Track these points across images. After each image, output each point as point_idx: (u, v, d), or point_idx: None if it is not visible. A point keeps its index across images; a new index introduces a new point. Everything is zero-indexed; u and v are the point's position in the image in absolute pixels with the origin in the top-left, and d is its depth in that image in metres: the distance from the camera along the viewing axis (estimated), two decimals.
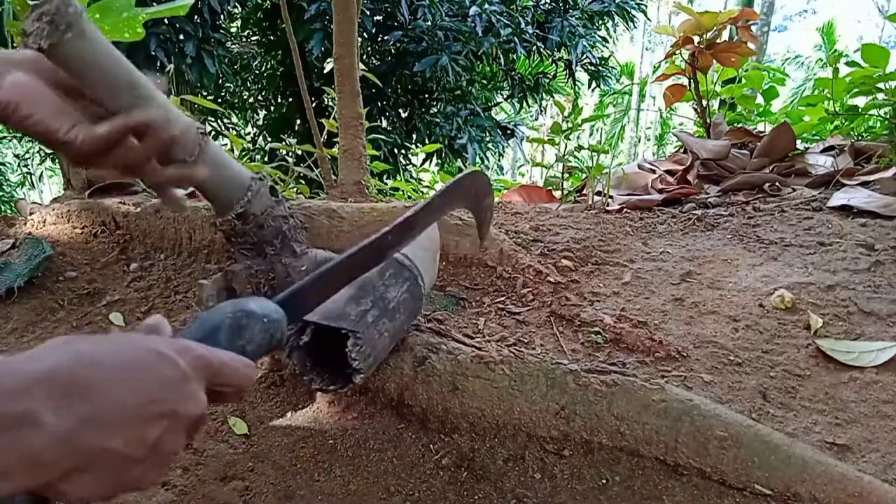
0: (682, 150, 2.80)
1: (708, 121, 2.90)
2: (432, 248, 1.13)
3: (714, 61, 2.76)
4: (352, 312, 0.89)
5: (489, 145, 6.76)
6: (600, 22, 7.01)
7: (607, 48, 7.46)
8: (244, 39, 6.96)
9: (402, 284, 0.94)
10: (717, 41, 2.77)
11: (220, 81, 6.07)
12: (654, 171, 2.52)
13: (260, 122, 7.22)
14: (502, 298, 1.35)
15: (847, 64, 2.39)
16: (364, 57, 6.04)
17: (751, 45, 2.77)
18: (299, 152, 2.29)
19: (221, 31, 5.72)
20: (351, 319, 0.88)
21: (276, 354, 1.09)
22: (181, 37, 5.03)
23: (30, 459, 0.35)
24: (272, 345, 0.54)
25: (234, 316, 0.51)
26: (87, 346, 0.40)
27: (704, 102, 2.90)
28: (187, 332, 0.51)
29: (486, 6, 5.70)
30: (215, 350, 0.48)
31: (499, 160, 7.79)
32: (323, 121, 2.27)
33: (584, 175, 2.67)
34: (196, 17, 5.03)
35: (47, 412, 0.36)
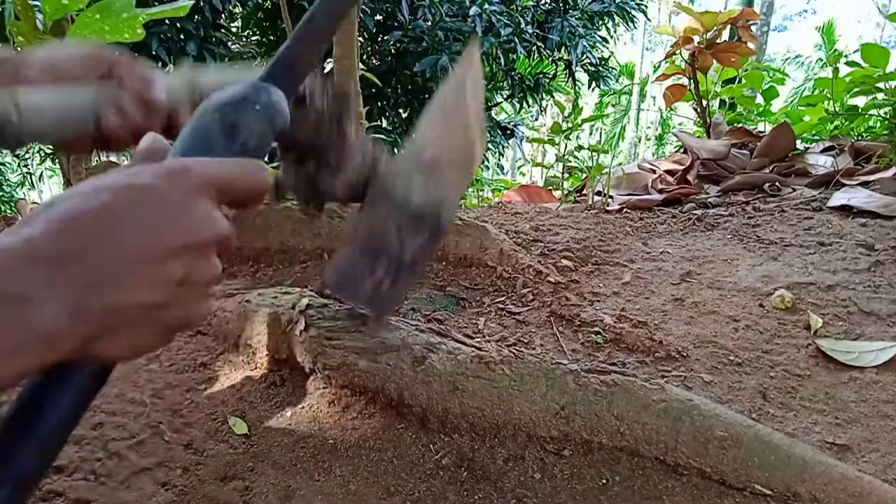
0: (682, 150, 2.80)
1: (708, 121, 2.91)
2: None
3: (714, 61, 2.76)
4: (367, 286, 0.88)
5: (489, 145, 6.77)
6: (600, 22, 7.01)
7: (607, 48, 7.46)
8: (245, 39, 6.96)
9: (420, 235, 0.87)
10: (717, 41, 2.77)
11: None
12: (654, 171, 2.52)
13: None
14: (502, 298, 1.35)
15: (847, 64, 2.39)
16: (364, 57, 6.04)
17: (751, 45, 2.77)
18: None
19: (223, 30, 5.72)
20: (365, 293, 0.89)
21: (277, 355, 1.09)
22: (182, 36, 5.03)
23: (36, 336, 0.31)
24: (276, 130, 0.46)
25: (221, 113, 0.43)
26: (63, 205, 0.35)
27: (704, 102, 2.91)
28: (174, 148, 0.43)
29: (487, 6, 5.71)
30: (216, 161, 0.42)
31: (499, 160, 7.79)
32: None
33: (584, 175, 2.67)
34: (197, 16, 5.04)
35: (39, 288, 0.32)
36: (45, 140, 0.61)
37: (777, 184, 2.13)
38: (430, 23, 5.61)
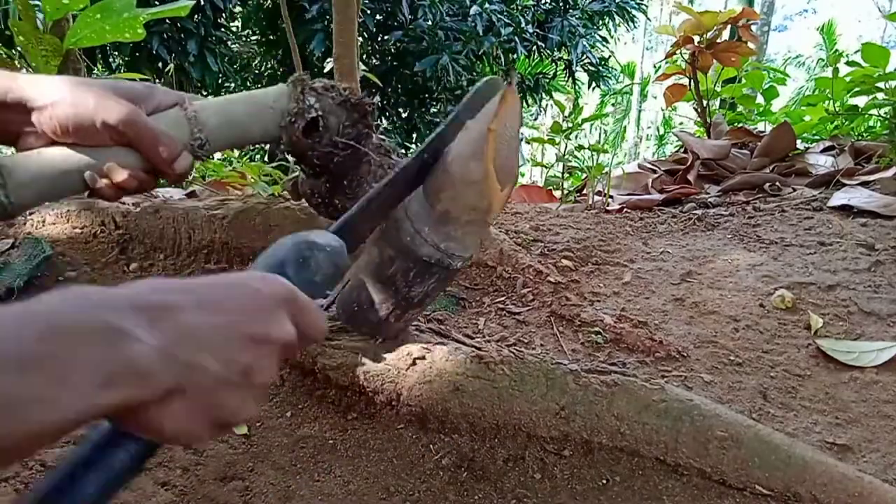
0: (682, 150, 2.80)
1: (708, 121, 2.90)
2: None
3: (714, 61, 2.76)
4: (373, 317, 0.91)
5: None
6: (600, 22, 7.02)
7: (607, 48, 7.46)
8: (245, 39, 6.96)
9: (428, 280, 0.87)
10: (718, 41, 2.77)
11: (221, 81, 6.07)
12: (654, 171, 2.52)
13: None
14: (502, 298, 1.35)
15: (847, 64, 2.39)
16: (364, 57, 6.04)
17: (751, 45, 2.77)
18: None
19: (223, 29, 5.72)
20: (372, 325, 0.93)
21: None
22: (183, 35, 5.03)
23: (129, 368, 0.34)
24: (337, 274, 0.54)
25: (297, 249, 0.51)
26: (167, 280, 0.40)
27: (705, 102, 2.90)
28: (257, 266, 0.50)
29: (487, 5, 5.71)
30: (302, 294, 0.47)
31: None
32: None
33: (585, 175, 2.67)
34: (198, 15, 5.04)
35: (139, 328, 0.35)
36: (32, 208, 0.65)
37: (777, 184, 2.13)
38: (430, 22, 5.61)
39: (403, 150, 0.94)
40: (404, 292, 0.87)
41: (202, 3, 4.95)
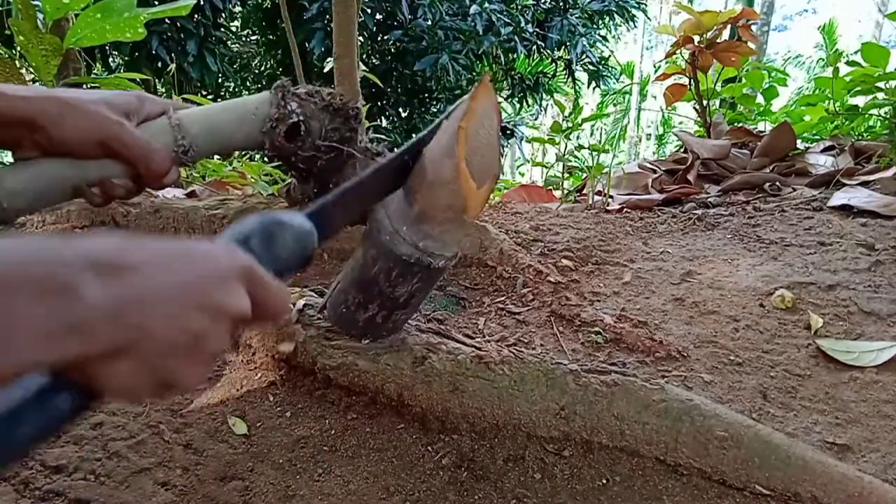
0: (682, 150, 2.80)
1: (708, 120, 2.90)
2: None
3: (714, 61, 2.76)
4: (360, 319, 0.93)
5: None
6: (600, 21, 7.01)
7: (607, 47, 7.45)
8: (244, 39, 6.96)
9: (411, 279, 0.87)
10: (718, 41, 2.77)
11: (221, 81, 6.07)
12: (654, 171, 2.52)
13: None
14: (502, 298, 1.35)
15: (847, 63, 2.39)
16: (364, 56, 6.04)
17: (751, 45, 2.77)
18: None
19: (223, 29, 5.72)
20: (360, 326, 0.95)
21: (277, 355, 1.09)
22: (183, 35, 5.03)
23: (72, 326, 0.34)
24: (305, 256, 0.54)
25: (265, 224, 0.51)
26: (131, 239, 0.40)
27: (705, 102, 2.90)
28: (221, 237, 0.50)
29: (487, 5, 5.70)
30: (264, 269, 0.47)
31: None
32: None
33: (585, 175, 2.67)
34: (197, 15, 5.04)
35: (88, 284, 0.35)
36: (23, 215, 0.67)
37: (777, 183, 2.13)
38: (430, 22, 5.61)
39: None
40: (388, 293, 0.87)
41: (202, 3, 4.94)
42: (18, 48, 1.69)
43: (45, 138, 0.63)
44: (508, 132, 7.26)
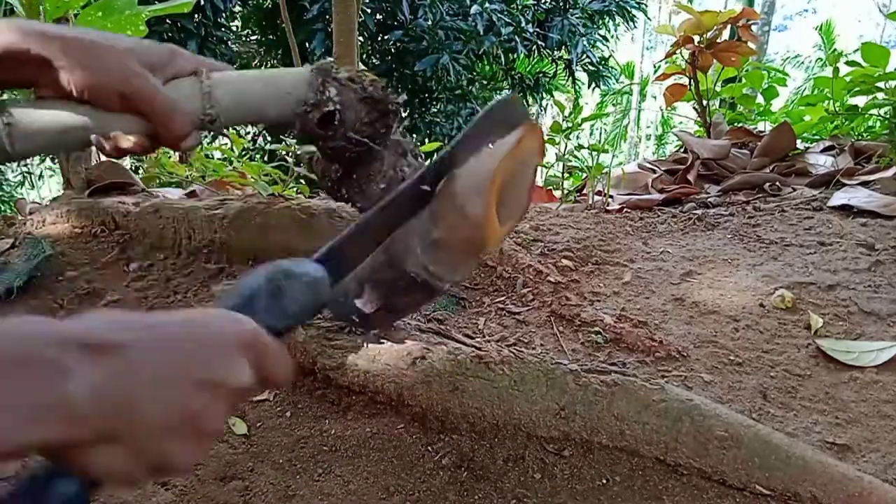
0: (682, 150, 2.80)
1: (708, 120, 2.90)
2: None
3: (714, 61, 2.76)
4: (354, 311, 0.90)
5: None
6: (601, 21, 7.01)
7: (607, 48, 7.45)
8: (245, 38, 6.96)
9: (413, 294, 0.86)
10: (718, 41, 2.77)
11: None
12: (654, 171, 2.52)
13: None
14: (502, 298, 1.35)
15: (847, 63, 2.39)
16: (364, 56, 6.04)
17: (751, 45, 2.77)
18: (299, 152, 2.29)
19: (223, 29, 5.72)
20: (352, 318, 0.90)
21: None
22: (183, 35, 5.03)
23: (61, 407, 0.33)
24: (317, 305, 0.51)
25: (271, 278, 0.48)
26: (127, 314, 0.39)
27: (704, 102, 2.90)
28: (224, 300, 0.48)
29: (487, 5, 5.71)
30: (266, 335, 0.45)
31: None
32: None
33: (585, 175, 2.67)
34: (198, 14, 5.04)
35: (79, 364, 0.34)
36: (32, 156, 0.63)
37: (777, 183, 2.13)
38: (430, 22, 5.61)
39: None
40: (389, 297, 0.87)
41: (202, 3, 4.94)
42: None
43: (63, 81, 0.58)
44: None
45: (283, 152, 2.11)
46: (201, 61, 0.67)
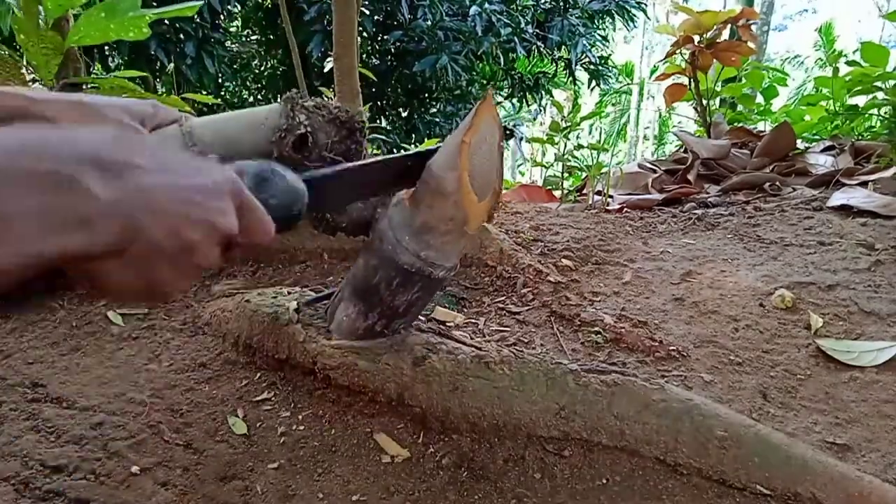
0: (682, 150, 2.80)
1: (708, 120, 2.90)
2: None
3: (714, 60, 2.76)
4: (360, 327, 0.96)
5: None
6: (601, 21, 7.01)
7: (607, 48, 7.45)
8: (244, 39, 6.96)
9: (411, 288, 0.90)
10: (718, 40, 2.77)
11: (220, 81, 6.07)
12: (654, 171, 2.52)
13: None
14: (502, 298, 1.35)
15: (847, 63, 2.39)
16: (364, 57, 6.04)
17: (751, 45, 2.77)
18: None
19: (221, 30, 5.71)
20: (359, 334, 0.97)
21: (277, 355, 1.09)
22: (181, 37, 5.02)
23: (78, 219, 0.35)
24: (291, 213, 0.55)
25: (260, 167, 0.53)
26: (134, 135, 0.44)
27: (704, 102, 2.90)
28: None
29: (487, 6, 5.70)
30: (252, 196, 0.49)
31: None
32: None
33: (584, 174, 2.67)
34: (196, 16, 5.03)
35: (93, 180, 0.36)
36: None
37: (777, 183, 2.13)
38: (429, 22, 5.61)
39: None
40: (388, 301, 0.90)
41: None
42: (18, 47, 1.69)
43: None
44: (508, 132, 7.25)
45: None
46: (180, 114, 0.73)
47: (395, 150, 6.03)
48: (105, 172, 0.37)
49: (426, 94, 6.53)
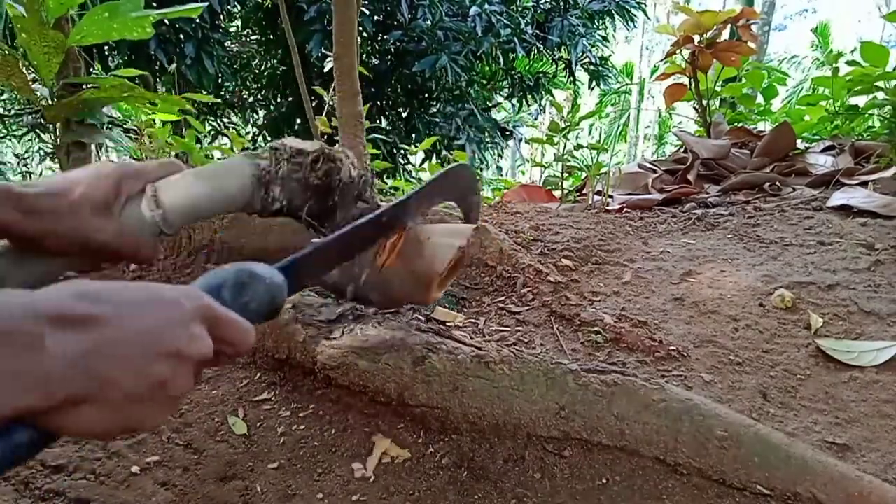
0: (682, 150, 2.80)
1: (708, 120, 2.90)
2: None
3: (714, 60, 2.76)
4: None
5: (488, 145, 6.77)
6: (600, 21, 7.01)
7: (607, 48, 7.45)
8: (244, 39, 6.96)
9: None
10: (718, 40, 2.77)
11: (220, 81, 6.07)
12: (654, 171, 2.52)
13: (260, 122, 7.22)
14: (502, 298, 1.35)
15: (847, 63, 2.39)
16: (364, 57, 6.04)
17: (751, 45, 2.77)
18: None
19: (221, 30, 5.71)
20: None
21: (277, 355, 1.09)
22: (181, 37, 5.03)
23: (34, 379, 0.35)
24: (273, 307, 0.55)
25: (238, 274, 0.53)
26: (94, 285, 0.41)
27: (704, 102, 2.90)
28: (194, 284, 0.52)
29: (486, 6, 5.70)
30: (223, 307, 0.48)
31: (497, 160, 7.78)
32: (317, 119, 2.27)
33: (584, 174, 2.67)
34: (196, 17, 5.03)
35: (51, 337, 0.36)
36: None
37: (777, 183, 2.13)
38: (429, 23, 5.61)
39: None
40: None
41: None
42: (18, 46, 1.69)
43: (28, 244, 0.61)
44: (508, 132, 7.26)
45: None
46: (148, 174, 0.69)
47: (394, 151, 6.04)
48: (66, 328, 0.37)
49: (426, 95, 6.53)
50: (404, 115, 6.54)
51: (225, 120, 7.05)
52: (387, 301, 0.92)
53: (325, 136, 2.33)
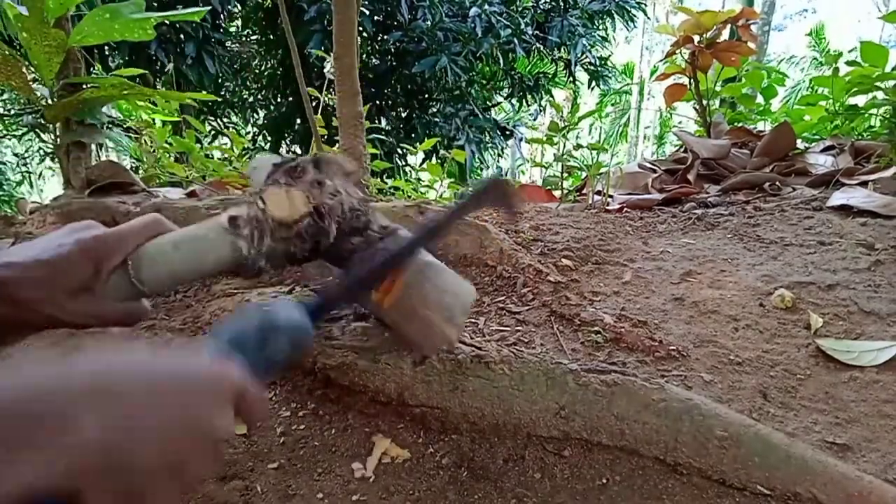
0: (682, 150, 2.80)
1: (708, 120, 2.90)
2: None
3: (714, 60, 2.76)
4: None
5: (488, 145, 6.77)
6: (600, 21, 7.01)
7: (607, 48, 7.46)
8: (244, 38, 6.96)
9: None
10: (718, 40, 2.77)
11: (220, 81, 6.07)
12: (654, 171, 2.52)
13: (260, 122, 7.22)
14: (502, 298, 1.35)
15: (847, 63, 2.39)
16: (364, 57, 6.03)
17: (751, 45, 2.77)
18: (299, 152, 2.29)
19: (221, 30, 5.72)
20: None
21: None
22: (181, 37, 5.03)
23: (68, 455, 0.35)
24: (297, 355, 0.55)
25: (261, 328, 0.52)
26: (123, 354, 0.42)
27: (704, 102, 2.90)
28: (217, 335, 0.52)
29: (486, 7, 5.71)
30: (250, 380, 0.48)
31: (497, 160, 7.79)
32: (317, 118, 2.28)
33: (584, 174, 2.67)
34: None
35: (84, 416, 0.36)
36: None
37: (777, 183, 2.13)
38: (429, 23, 5.61)
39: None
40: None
41: (200, 6, 4.93)
42: (19, 47, 1.69)
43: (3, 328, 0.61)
44: (507, 133, 7.26)
45: (283, 152, 2.11)
46: (128, 240, 0.69)
47: (394, 151, 6.03)
48: (95, 405, 0.37)
49: (425, 95, 6.53)
50: (404, 115, 6.55)
51: (225, 120, 7.05)
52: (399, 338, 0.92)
53: (325, 137, 2.33)
